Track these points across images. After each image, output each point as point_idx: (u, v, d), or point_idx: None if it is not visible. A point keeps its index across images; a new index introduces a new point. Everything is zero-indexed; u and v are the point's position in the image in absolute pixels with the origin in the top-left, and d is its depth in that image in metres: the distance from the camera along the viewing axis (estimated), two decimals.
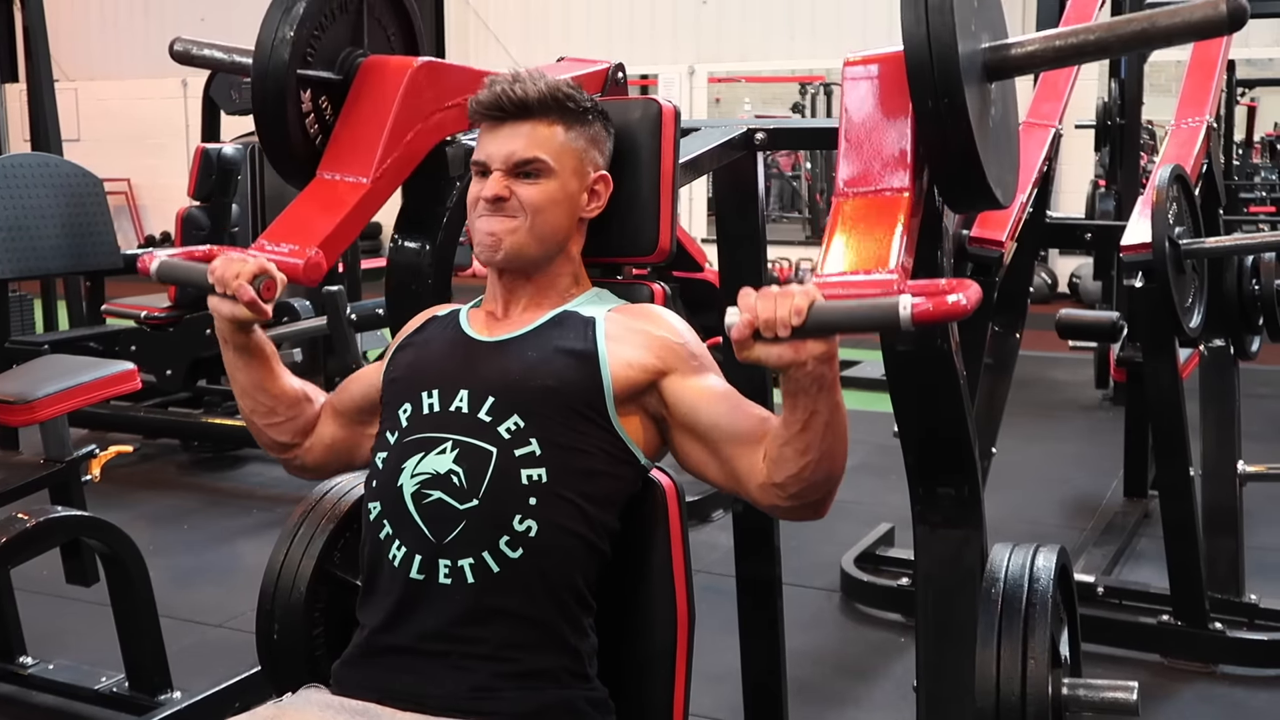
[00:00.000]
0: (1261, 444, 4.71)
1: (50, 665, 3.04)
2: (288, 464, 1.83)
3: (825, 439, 1.46)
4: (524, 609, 1.51)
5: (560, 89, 1.65)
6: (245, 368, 1.73)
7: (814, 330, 1.37)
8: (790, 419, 1.46)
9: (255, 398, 1.75)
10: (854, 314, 1.38)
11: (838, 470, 1.50)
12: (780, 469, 1.49)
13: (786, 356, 1.38)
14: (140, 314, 5.38)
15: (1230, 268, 3.25)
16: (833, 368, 1.42)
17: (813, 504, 1.52)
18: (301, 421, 1.78)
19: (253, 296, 1.60)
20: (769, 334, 1.37)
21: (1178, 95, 3.58)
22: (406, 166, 2.00)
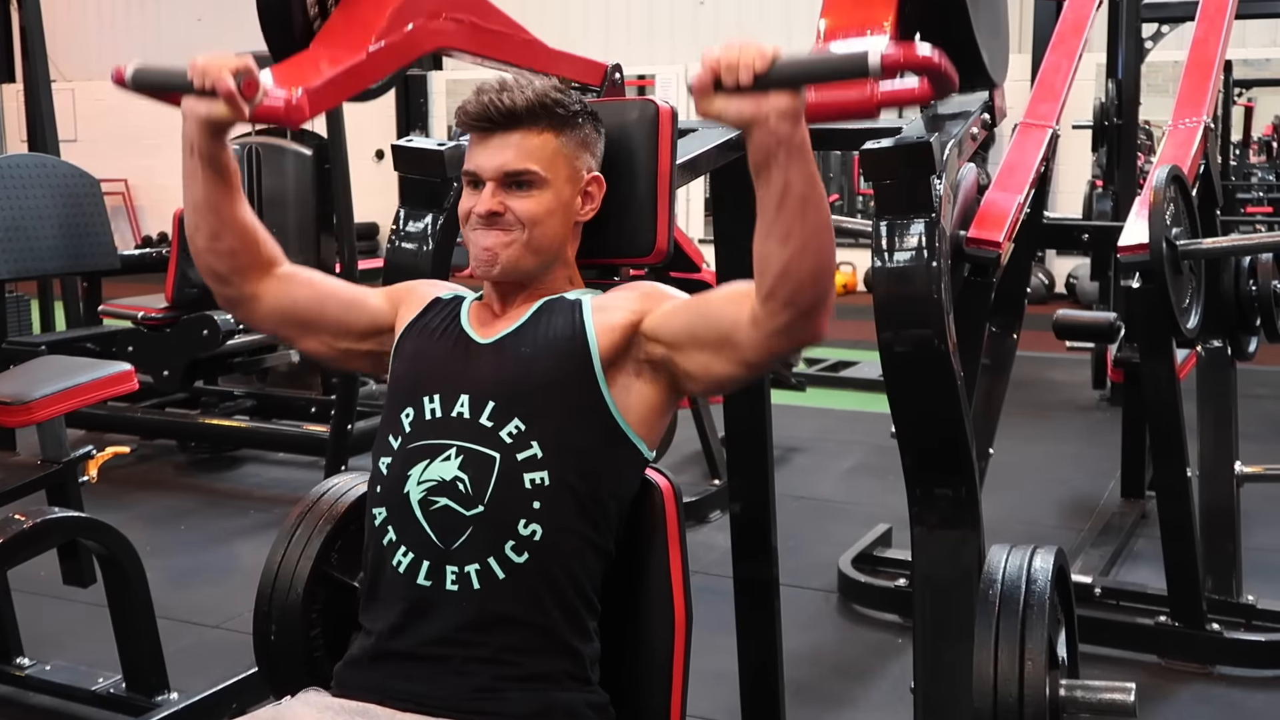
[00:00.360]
0: (1259, 445, 4.71)
1: (47, 666, 3.04)
2: (224, 300, 1.75)
3: (804, 219, 1.40)
4: (529, 613, 1.51)
5: (548, 95, 1.64)
6: (205, 181, 1.65)
7: (778, 80, 1.31)
8: (764, 202, 1.41)
9: (205, 216, 1.67)
10: (820, 63, 1.32)
11: (827, 264, 1.44)
12: (767, 271, 1.44)
13: (747, 110, 1.34)
14: (137, 315, 5.37)
15: (1227, 268, 3.25)
16: (799, 129, 1.36)
17: (806, 312, 1.45)
18: (246, 259, 1.71)
19: (231, 88, 1.53)
20: (730, 80, 1.32)
21: (1175, 95, 3.58)
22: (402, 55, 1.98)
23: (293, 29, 1.92)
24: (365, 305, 1.75)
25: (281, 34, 1.93)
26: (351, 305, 1.75)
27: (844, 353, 7.35)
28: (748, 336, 1.50)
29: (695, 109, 1.35)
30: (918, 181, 1.90)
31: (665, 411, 1.63)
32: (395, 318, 1.73)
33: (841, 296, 10.80)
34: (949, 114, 2.25)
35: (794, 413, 5.70)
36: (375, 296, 1.77)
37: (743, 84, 1.32)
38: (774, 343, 1.49)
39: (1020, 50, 9.60)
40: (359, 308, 1.75)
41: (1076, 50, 3.53)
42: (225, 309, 1.80)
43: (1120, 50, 5.56)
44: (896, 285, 1.90)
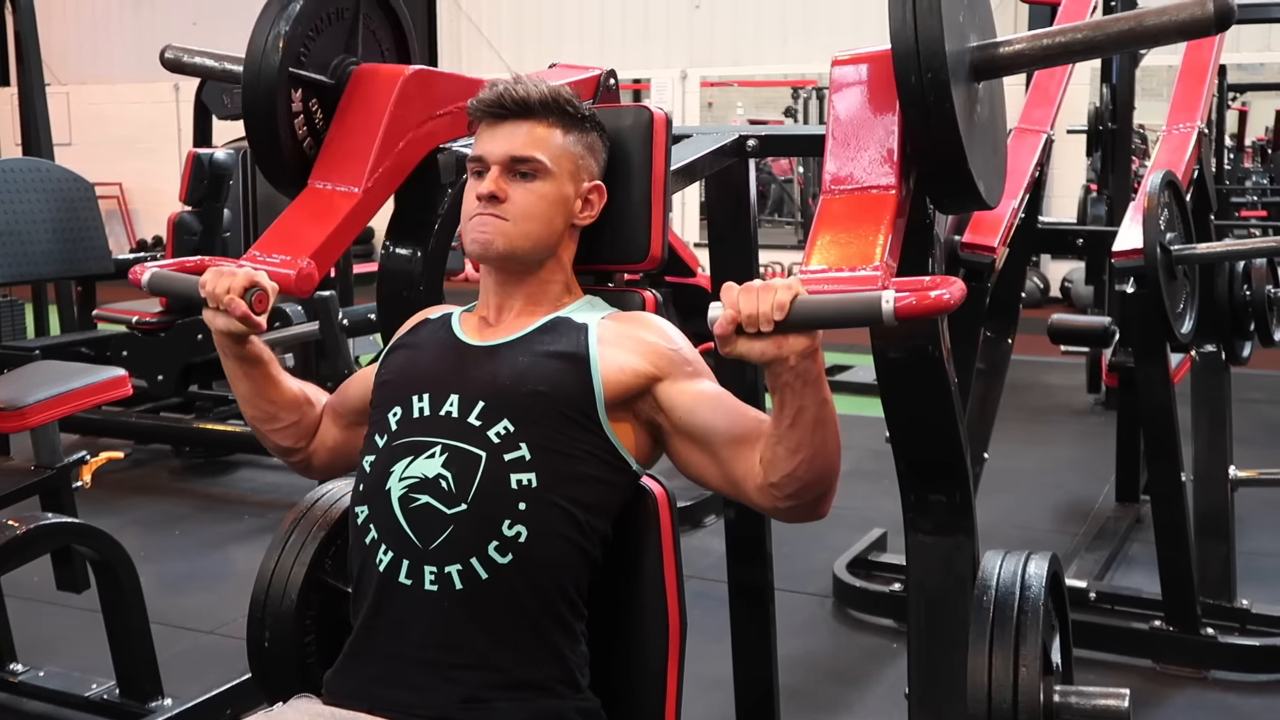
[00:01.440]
0: (1253, 449, 4.71)
1: (41, 672, 3.03)
2: (294, 467, 1.86)
3: (815, 436, 1.46)
4: (514, 616, 1.50)
5: (561, 94, 1.67)
6: (245, 377, 1.75)
7: (796, 325, 1.36)
8: (779, 417, 1.46)
9: (257, 405, 1.77)
10: (837, 308, 1.37)
11: (832, 468, 1.50)
12: (774, 469, 1.49)
13: (769, 352, 1.38)
14: (132, 319, 5.37)
15: (1222, 273, 3.25)
16: (817, 362, 1.42)
17: (810, 504, 1.52)
18: (305, 425, 1.81)
19: (245, 311, 1.61)
20: (751, 329, 1.37)
21: (1169, 100, 3.59)
22: (398, 175, 2.00)
23: (282, 153, 1.95)
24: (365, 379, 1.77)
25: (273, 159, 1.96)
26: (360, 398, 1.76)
27: (839, 357, 7.35)
28: (753, 494, 1.54)
29: (719, 349, 1.40)
30: None
31: (657, 447, 1.64)
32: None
33: None
34: None
35: None
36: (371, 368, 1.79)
37: (763, 332, 1.37)
38: (774, 514, 1.57)
39: None
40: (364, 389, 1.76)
41: None
42: (305, 476, 1.90)
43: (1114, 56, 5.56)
44: None
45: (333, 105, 2.01)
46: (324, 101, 2.01)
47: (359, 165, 1.95)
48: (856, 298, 1.38)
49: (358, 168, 1.95)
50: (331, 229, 1.91)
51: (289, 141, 1.96)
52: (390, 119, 1.96)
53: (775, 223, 12.63)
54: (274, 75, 1.90)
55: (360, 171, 1.94)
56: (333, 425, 1.81)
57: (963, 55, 1.70)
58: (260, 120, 1.92)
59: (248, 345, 1.71)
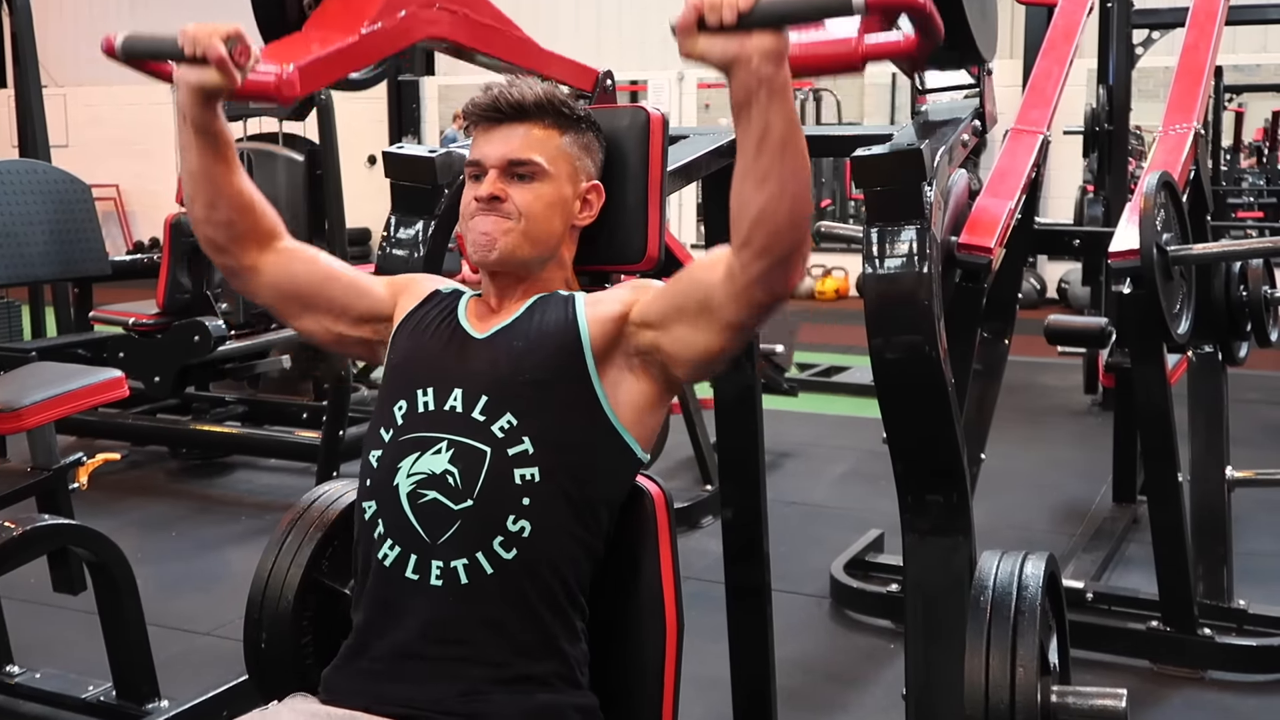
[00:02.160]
0: (1250, 449, 4.72)
1: (37, 674, 3.02)
2: (221, 268, 1.76)
3: (785, 162, 1.39)
4: (516, 611, 1.51)
5: (556, 95, 1.67)
6: (199, 149, 1.64)
7: (762, 18, 1.30)
8: (744, 144, 1.41)
9: (201, 185, 1.67)
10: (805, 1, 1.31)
11: (802, 205, 1.43)
12: (742, 222, 1.43)
13: (731, 50, 1.33)
14: (128, 321, 5.36)
15: (1218, 274, 3.26)
16: (782, 70, 1.36)
17: (783, 258, 1.45)
18: (243, 229, 1.71)
19: (223, 54, 1.53)
20: (714, 20, 1.32)
21: (1165, 101, 3.59)
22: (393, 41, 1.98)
23: (285, 12, 1.92)
24: (365, 290, 1.75)
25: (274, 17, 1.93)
26: (351, 289, 1.75)
27: (836, 358, 7.36)
28: (725, 293, 1.49)
29: (678, 49, 1.34)
30: (909, 188, 1.91)
31: (656, 407, 1.63)
32: (394, 307, 1.74)
33: (833, 301, 10.84)
34: (940, 120, 2.26)
35: (786, 418, 5.71)
36: (376, 283, 1.77)
37: (726, 23, 1.32)
38: (750, 295, 1.48)
39: (1011, 56, 9.62)
40: (359, 292, 1.75)
41: (1067, 56, 3.54)
42: (226, 279, 1.79)
43: (1111, 56, 5.57)
44: (887, 292, 1.90)
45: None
46: None
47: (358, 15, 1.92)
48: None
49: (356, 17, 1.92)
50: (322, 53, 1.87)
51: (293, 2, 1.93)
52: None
53: None
54: None
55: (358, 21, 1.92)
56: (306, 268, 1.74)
57: None
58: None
59: (214, 116, 1.62)
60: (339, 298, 1.74)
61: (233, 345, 5.21)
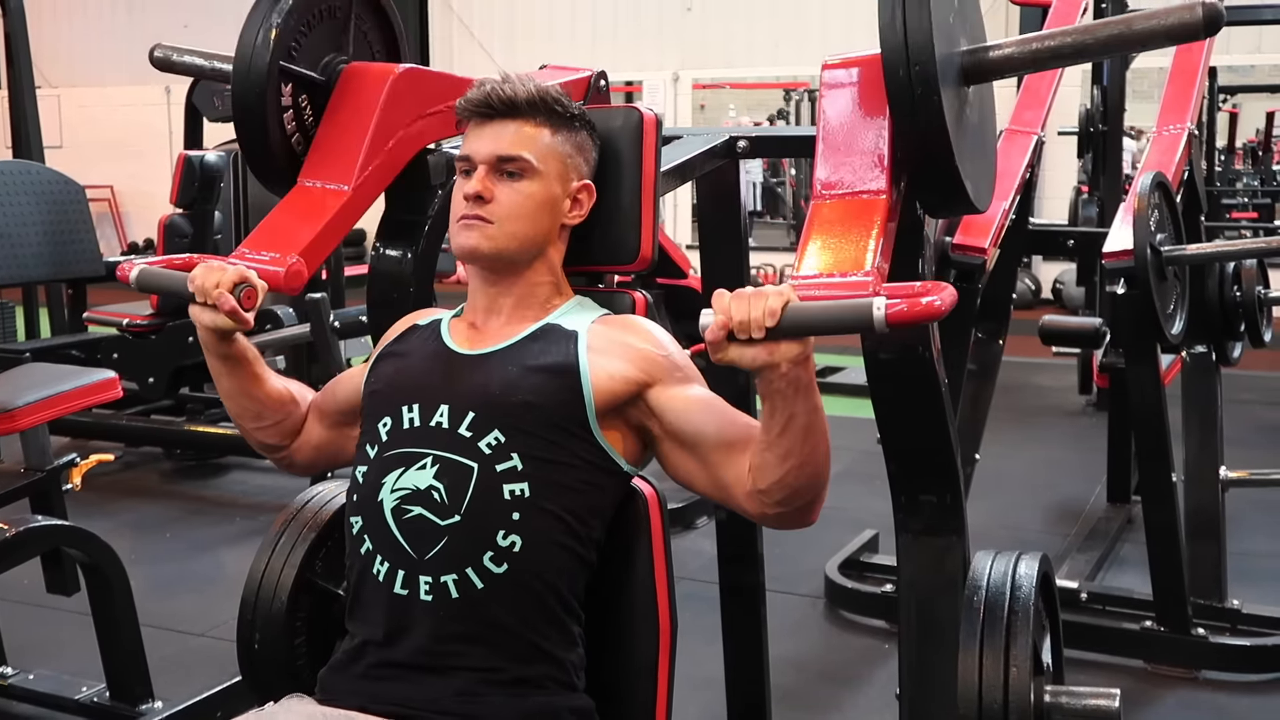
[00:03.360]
0: (1244, 449, 4.72)
1: (30, 675, 3.02)
2: (279, 463, 1.85)
3: (805, 443, 1.46)
4: (510, 623, 1.50)
5: (549, 93, 1.66)
6: (229, 374, 1.73)
7: (788, 331, 1.36)
8: (769, 424, 1.46)
9: (241, 403, 1.76)
10: (828, 315, 1.37)
11: (821, 476, 1.50)
12: (763, 475, 1.49)
13: (761, 358, 1.38)
14: (122, 322, 5.36)
15: (1212, 274, 3.26)
16: (808, 369, 1.42)
17: (799, 510, 1.52)
18: (289, 424, 1.80)
19: (233, 306, 1.60)
20: (743, 335, 1.37)
21: (1160, 102, 3.60)
22: (388, 174, 2.00)
23: (272, 149, 1.94)
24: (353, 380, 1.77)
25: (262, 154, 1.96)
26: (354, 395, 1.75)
27: (831, 358, 7.36)
28: (741, 499, 1.54)
29: (710, 356, 1.40)
30: None
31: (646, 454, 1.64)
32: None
33: None
34: None
35: None
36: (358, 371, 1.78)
37: (755, 338, 1.37)
38: (762, 520, 1.56)
39: None
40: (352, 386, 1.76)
41: None
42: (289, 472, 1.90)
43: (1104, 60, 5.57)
44: None
45: (323, 104, 2.00)
46: (314, 100, 2.00)
47: (348, 163, 1.94)
48: (848, 305, 1.38)
49: (347, 166, 1.94)
50: (320, 227, 1.90)
51: (278, 137, 1.95)
52: (380, 117, 1.96)
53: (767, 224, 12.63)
54: (264, 68, 1.89)
55: (350, 169, 1.94)
56: (318, 424, 1.81)
57: (952, 58, 1.70)
58: (250, 114, 1.92)
59: (234, 343, 1.70)
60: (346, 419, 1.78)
61: None
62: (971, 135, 1.77)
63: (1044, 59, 1.76)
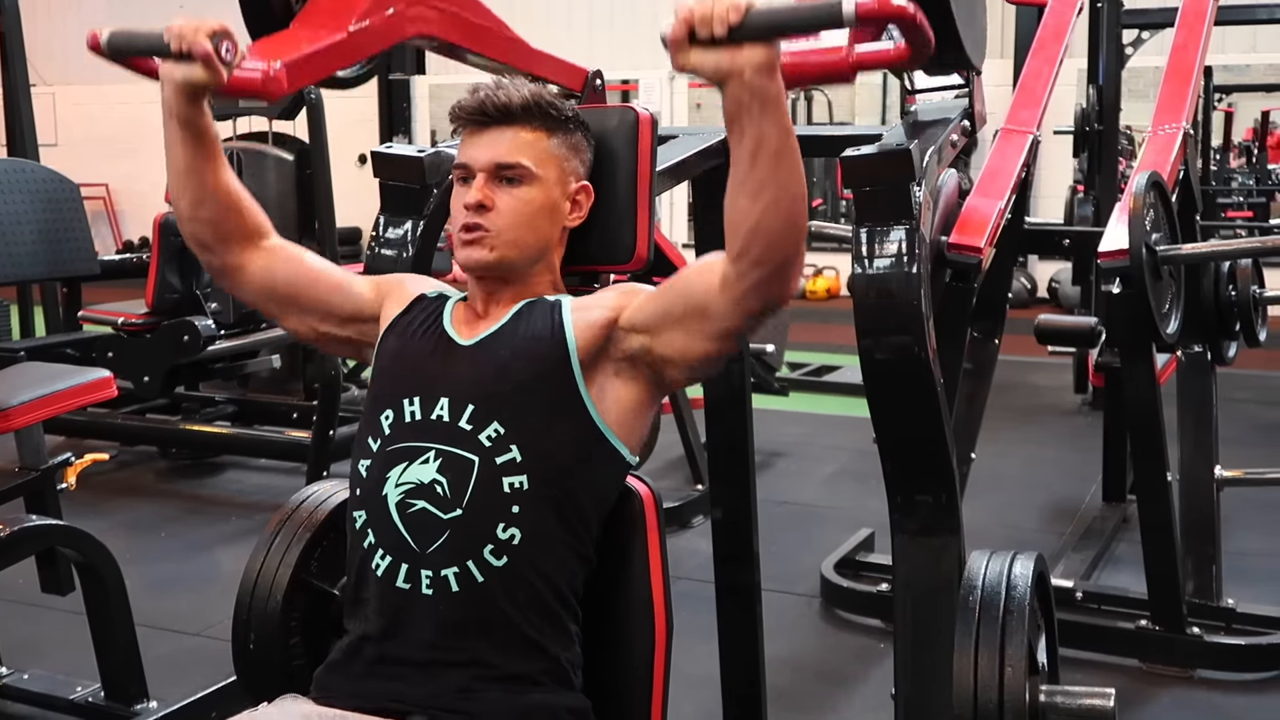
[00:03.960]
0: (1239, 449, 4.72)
1: (25, 675, 3.02)
2: (206, 265, 1.75)
3: (779, 172, 1.39)
4: (509, 617, 1.51)
5: (543, 97, 1.66)
6: (184, 146, 1.64)
7: (753, 30, 1.31)
8: (739, 156, 1.40)
9: (186, 182, 1.67)
10: (795, 13, 1.32)
11: (797, 216, 1.43)
12: (737, 233, 1.43)
13: (723, 63, 1.34)
14: (117, 320, 5.35)
15: (1207, 274, 3.26)
16: (775, 80, 1.35)
17: (779, 268, 1.45)
18: (229, 228, 1.70)
19: (209, 50, 1.52)
20: (705, 33, 1.32)
21: (1155, 101, 3.60)
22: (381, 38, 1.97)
23: (272, 9, 1.91)
24: (351, 291, 1.75)
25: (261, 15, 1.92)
26: (337, 289, 1.74)
27: (827, 357, 7.36)
28: (720, 302, 1.49)
29: (670, 62, 1.35)
30: (898, 189, 1.90)
31: (644, 411, 1.62)
32: (380, 308, 1.73)
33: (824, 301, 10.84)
34: (929, 120, 2.26)
35: (777, 417, 5.71)
36: (362, 284, 1.77)
37: (717, 36, 1.32)
38: (746, 304, 1.49)
39: (1002, 56, 9.63)
40: (344, 292, 1.74)
41: (1057, 56, 3.54)
42: (211, 277, 1.79)
43: (1101, 56, 5.59)
44: (876, 292, 1.90)
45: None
46: None
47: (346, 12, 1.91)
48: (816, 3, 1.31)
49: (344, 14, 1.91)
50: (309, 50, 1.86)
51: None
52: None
53: None
54: None
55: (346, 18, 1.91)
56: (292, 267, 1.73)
57: None
58: None
59: (200, 112, 1.62)
60: (324, 298, 1.74)
61: (222, 345, 5.19)
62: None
63: None
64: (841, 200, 11.78)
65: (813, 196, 11.63)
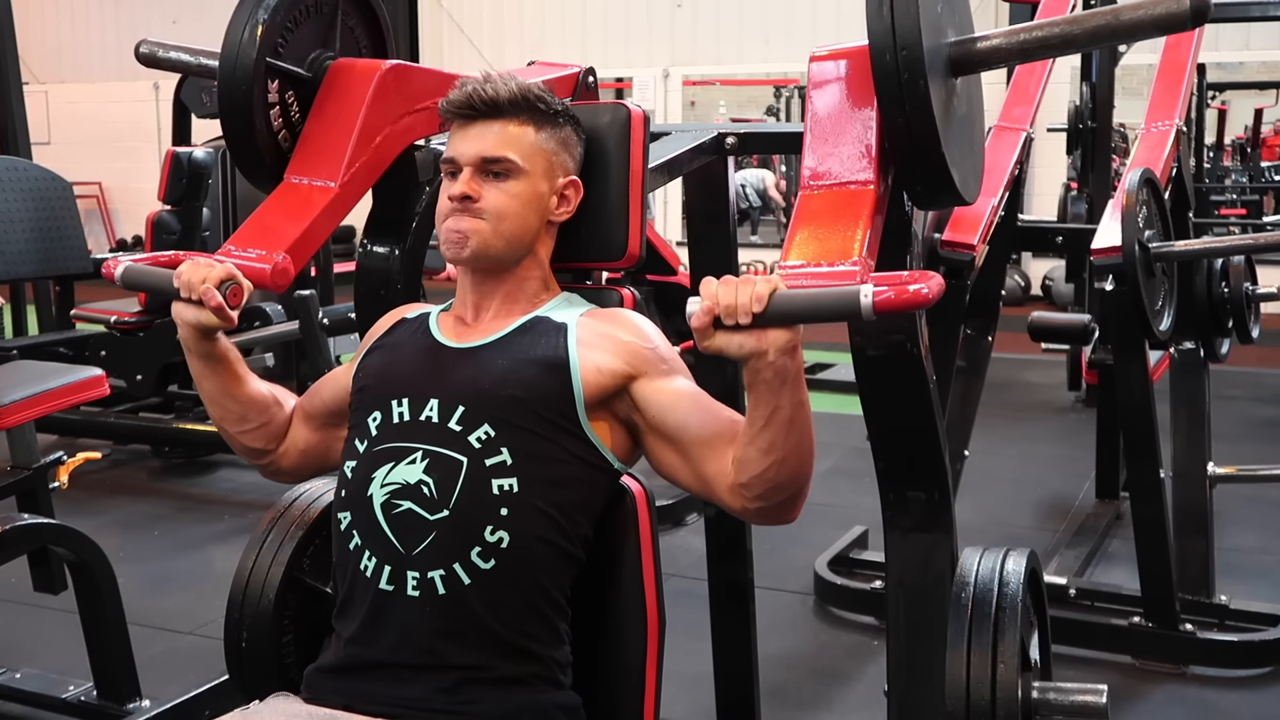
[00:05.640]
0: (1231, 445, 4.74)
1: (17, 674, 3.01)
2: (263, 469, 1.81)
3: (789, 438, 1.45)
4: (497, 620, 1.50)
5: (531, 91, 1.66)
6: (211, 375, 1.71)
7: (775, 318, 1.36)
8: (753, 415, 1.45)
9: (223, 405, 1.74)
10: (816, 302, 1.37)
11: (804, 472, 1.50)
12: (745, 469, 1.49)
13: (748, 345, 1.37)
14: (110, 319, 5.34)
15: (1200, 271, 3.27)
16: (795, 360, 1.41)
17: (780, 506, 1.52)
18: (273, 427, 1.77)
19: (219, 302, 1.58)
20: (730, 321, 1.36)
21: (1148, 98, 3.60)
22: (375, 170, 1.99)
23: (258, 146, 1.93)
24: (339, 380, 1.76)
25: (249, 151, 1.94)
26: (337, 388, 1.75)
27: (821, 355, 7.36)
28: (723, 490, 1.54)
29: (697, 343, 1.39)
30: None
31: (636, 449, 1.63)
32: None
33: None
34: None
35: None
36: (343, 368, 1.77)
37: (741, 324, 1.36)
38: (744, 515, 1.56)
39: None
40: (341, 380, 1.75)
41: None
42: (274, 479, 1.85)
43: (1094, 54, 5.59)
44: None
45: (309, 100, 1.99)
46: (300, 96, 1.99)
47: (335, 160, 1.93)
48: (835, 292, 1.37)
49: (334, 162, 1.93)
50: (307, 224, 1.89)
51: (265, 134, 1.94)
52: (367, 113, 1.95)
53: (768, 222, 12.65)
54: (250, 64, 1.88)
55: (336, 166, 1.93)
56: (303, 426, 1.78)
57: (940, 50, 1.70)
58: (236, 110, 1.91)
59: (216, 342, 1.67)
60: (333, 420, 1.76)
61: None
62: (959, 127, 1.77)
63: (1031, 49, 1.76)
64: None
65: None
